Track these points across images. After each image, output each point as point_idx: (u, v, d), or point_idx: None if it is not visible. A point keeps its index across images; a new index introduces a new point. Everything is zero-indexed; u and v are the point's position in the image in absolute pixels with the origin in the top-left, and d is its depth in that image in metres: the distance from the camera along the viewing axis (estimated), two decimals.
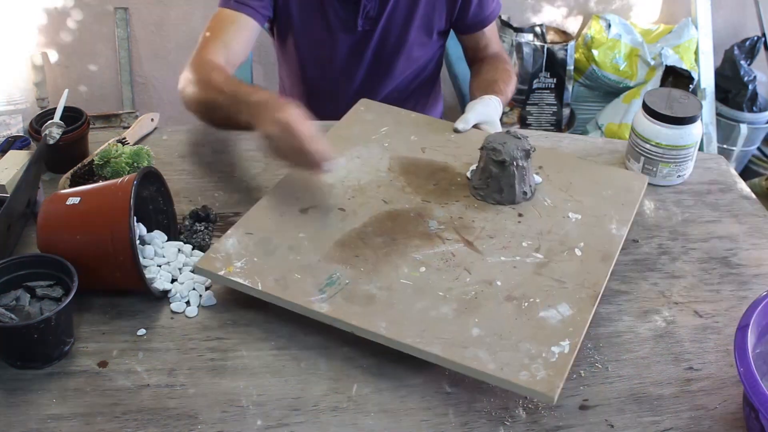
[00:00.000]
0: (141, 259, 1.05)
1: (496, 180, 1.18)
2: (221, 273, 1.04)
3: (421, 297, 1.02)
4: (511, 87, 1.52)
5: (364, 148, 1.30)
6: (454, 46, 1.76)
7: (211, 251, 1.08)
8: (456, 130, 1.36)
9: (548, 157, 1.30)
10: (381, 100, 1.59)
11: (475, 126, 1.38)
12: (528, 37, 2.70)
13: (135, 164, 1.25)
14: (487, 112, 1.39)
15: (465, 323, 0.98)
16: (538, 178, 1.24)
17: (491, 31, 1.61)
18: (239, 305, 1.08)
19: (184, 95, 1.32)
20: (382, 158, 1.27)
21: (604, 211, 1.18)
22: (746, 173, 2.85)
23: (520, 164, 1.17)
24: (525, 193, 1.20)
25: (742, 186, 1.40)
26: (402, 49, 1.54)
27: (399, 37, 1.52)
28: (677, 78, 2.66)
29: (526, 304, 1.01)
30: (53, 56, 2.54)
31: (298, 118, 1.10)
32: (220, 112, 1.25)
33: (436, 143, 1.32)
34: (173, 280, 1.10)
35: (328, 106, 1.55)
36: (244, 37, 1.41)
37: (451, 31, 1.61)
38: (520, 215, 1.17)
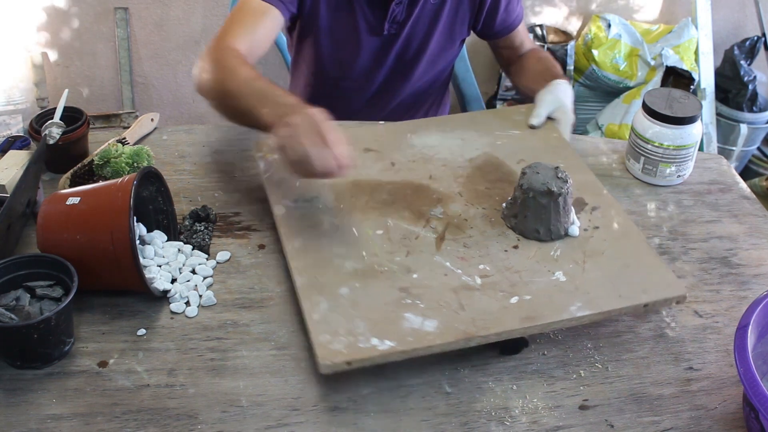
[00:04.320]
0: (141, 259, 1.05)
1: (515, 204, 1.15)
2: (259, 154, 1.26)
3: (345, 246, 1.10)
4: (559, 68, 1.52)
5: (476, 134, 1.36)
6: None
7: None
8: (532, 126, 1.38)
9: (614, 231, 1.16)
10: (397, 103, 1.60)
11: (548, 117, 1.40)
12: None
13: (135, 164, 1.25)
14: (555, 98, 1.40)
15: (344, 282, 1.04)
16: (574, 230, 1.14)
17: (523, 29, 1.62)
18: (239, 305, 1.08)
19: (200, 80, 1.27)
20: (478, 149, 1.32)
21: (589, 290, 1.05)
22: (746, 173, 2.85)
23: (539, 200, 1.11)
24: (537, 231, 1.12)
25: (742, 186, 1.40)
26: (423, 55, 1.54)
27: (422, 42, 1.52)
28: (677, 78, 2.66)
29: (408, 301, 1.01)
30: (53, 56, 2.54)
31: (324, 117, 1.08)
32: (239, 104, 1.20)
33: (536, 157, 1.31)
34: (173, 280, 1.10)
35: (342, 107, 1.55)
36: (269, 28, 1.39)
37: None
38: (515, 247, 1.12)
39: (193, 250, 1.15)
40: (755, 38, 2.75)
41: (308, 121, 1.06)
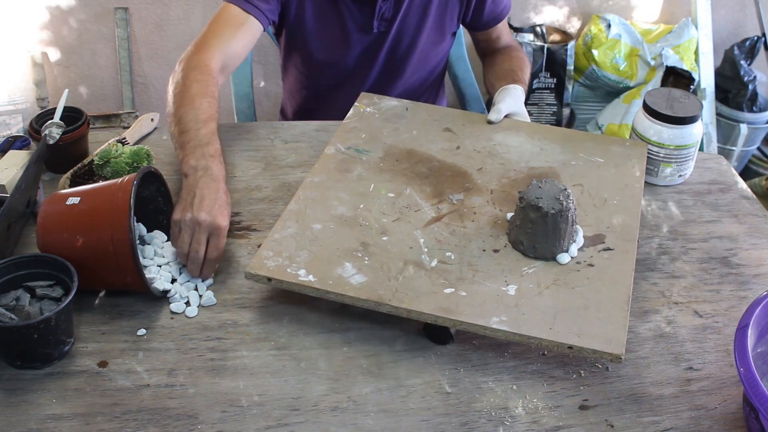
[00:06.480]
0: (141, 259, 1.05)
1: (515, 214, 1.12)
2: (357, 104, 1.41)
3: (351, 194, 1.18)
4: (527, 73, 1.55)
5: (558, 149, 1.33)
6: (455, 46, 1.76)
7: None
8: (489, 122, 1.38)
9: (605, 275, 1.08)
10: None
11: (506, 116, 1.40)
12: (528, 37, 2.70)
13: (135, 164, 1.25)
14: (515, 103, 1.42)
15: (324, 220, 1.12)
16: (563, 257, 1.09)
17: (503, 23, 1.63)
18: (239, 305, 1.08)
19: (169, 91, 1.30)
20: (548, 161, 1.30)
21: (525, 312, 1.00)
22: (746, 173, 2.85)
23: (528, 212, 1.08)
24: (522, 243, 1.09)
25: (742, 186, 1.40)
26: (414, 51, 1.54)
27: (412, 38, 1.52)
28: (677, 78, 2.66)
29: (359, 254, 1.07)
30: (53, 55, 2.54)
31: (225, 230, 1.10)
32: (176, 135, 1.23)
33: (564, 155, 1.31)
34: (173, 280, 1.10)
35: (335, 107, 1.55)
36: (248, 38, 1.40)
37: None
38: (495, 251, 1.10)
39: None
40: (755, 38, 2.75)
41: (212, 230, 1.08)
